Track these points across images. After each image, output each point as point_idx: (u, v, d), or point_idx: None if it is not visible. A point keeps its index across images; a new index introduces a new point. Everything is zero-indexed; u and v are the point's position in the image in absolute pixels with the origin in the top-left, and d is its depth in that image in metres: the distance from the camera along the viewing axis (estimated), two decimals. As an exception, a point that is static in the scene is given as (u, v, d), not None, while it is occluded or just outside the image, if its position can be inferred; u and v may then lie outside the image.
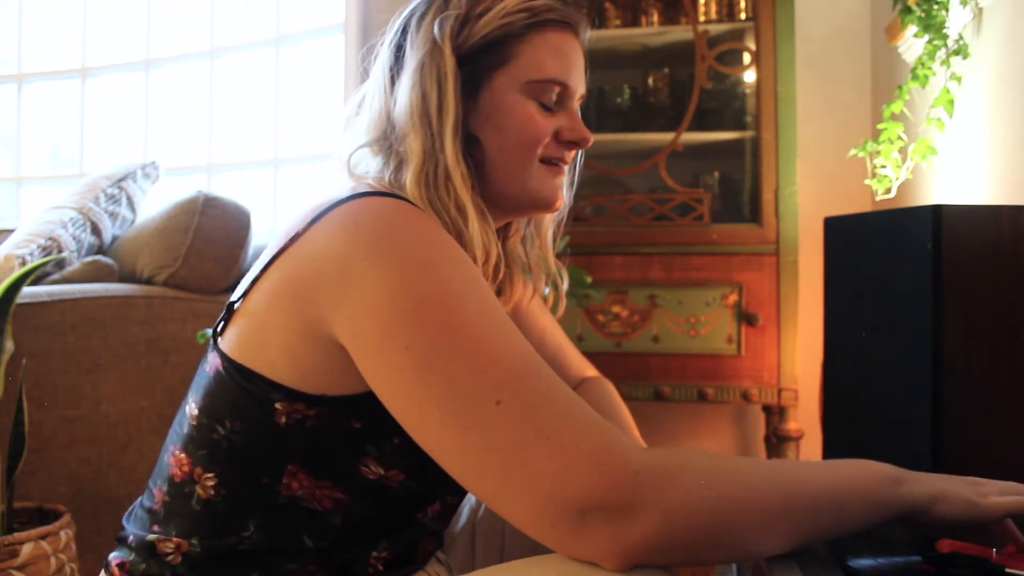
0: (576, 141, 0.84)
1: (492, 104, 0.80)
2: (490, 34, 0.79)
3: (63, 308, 1.64)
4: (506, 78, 0.80)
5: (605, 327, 2.18)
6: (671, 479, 0.60)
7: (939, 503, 0.66)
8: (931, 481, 0.67)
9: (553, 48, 0.81)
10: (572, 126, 0.83)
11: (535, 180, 0.82)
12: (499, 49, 0.79)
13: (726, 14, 2.26)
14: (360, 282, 0.66)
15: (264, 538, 0.73)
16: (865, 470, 0.66)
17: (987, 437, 1.03)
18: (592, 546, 0.59)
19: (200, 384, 0.76)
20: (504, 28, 0.79)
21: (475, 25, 0.79)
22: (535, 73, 0.80)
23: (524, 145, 0.81)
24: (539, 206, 0.84)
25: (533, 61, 0.80)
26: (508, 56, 0.80)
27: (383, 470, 0.73)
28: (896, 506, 0.65)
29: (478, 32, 0.79)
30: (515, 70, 0.80)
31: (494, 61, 0.79)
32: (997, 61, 1.47)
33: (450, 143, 0.76)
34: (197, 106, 3.10)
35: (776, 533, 0.62)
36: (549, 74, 0.80)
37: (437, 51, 0.78)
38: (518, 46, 0.80)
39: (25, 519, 1.44)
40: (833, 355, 1.38)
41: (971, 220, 1.04)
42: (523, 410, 0.62)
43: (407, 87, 0.78)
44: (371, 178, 0.80)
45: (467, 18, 0.79)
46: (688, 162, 2.33)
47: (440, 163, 0.76)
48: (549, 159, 0.83)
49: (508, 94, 0.80)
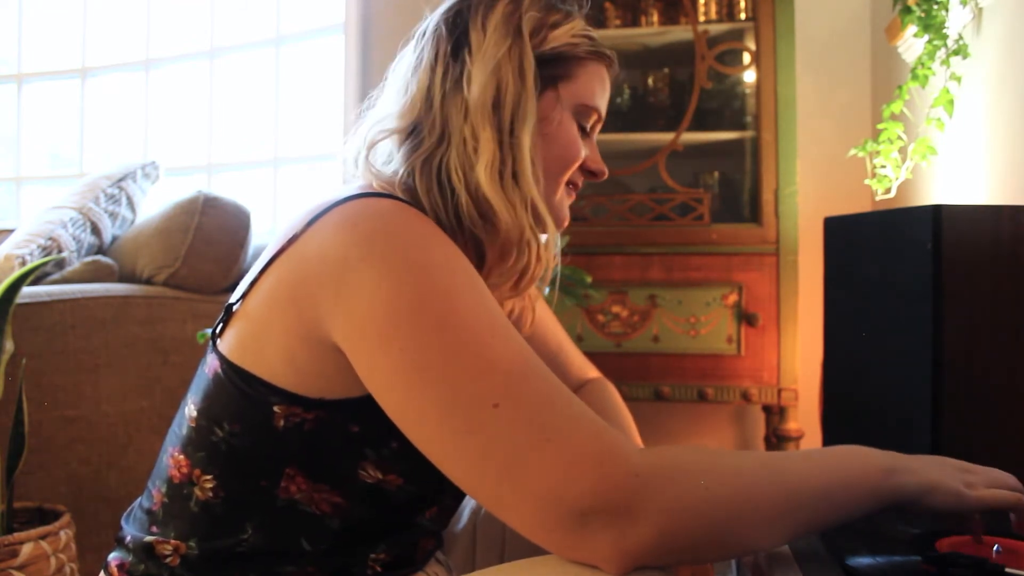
0: (595, 172, 0.88)
1: (551, 114, 0.81)
2: (560, 47, 0.82)
3: (63, 308, 1.64)
4: (565, 93, 0.82)
5: (605, 327, 2.18)
6: (670, 481, 0.60)
7: (929, 495, 0.66)
8: (922, 470, 0.67)
9: (600, 79, 0.86)
10: (595, 157, 0.87)
11: (558, 198, 0.85)
12: (564, 65, 0.82)
13: (726, 14, 2.26)
14: (357, 284, 0.66)
15: (262, 540, 0.73)
16: (858, 460, 0.67)
17: (987, 437, 1.03)
18: (592, 550, 0.59)
19: (199, 386, 0.76)
20: (572, 47, 0.82)
21: (550, 33, 0.81)
22: (587, 98, 0.84)
23: (565, 163, 0.83)
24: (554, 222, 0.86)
25: (588, 86, 0.84)
26: (571, 74, 0.83)
27: (381, 474, 0.73)
28: (888, 496, 0.66)
29: (551, 41, 0.81)
30: (573, 89, 0.83)
31: (559, 74, 0.82)
32: (997, 61, 1.47)
33: (526, 141, 0.77)
34: (197, 106, 3.10)
35: (773, 528, 0.63)
36: (596, 102, 0.85)
37: (520, 44, 0.78)
38: (578, 68, 0.83)
39: (25, 519, 1.44)
40: (833, 355, 1.38)
41: (971, 220, 1.04)
42: (522, 413, 0.62)
43: (482, 76, 0.76)
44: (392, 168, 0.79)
45: (542, 24, 0.81)
46: (688, 162, 2.33)
47: (510, 161, 0.76)
48: (572, 182, 0.86)
49: (563, 109, 0.82)
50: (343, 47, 2.75)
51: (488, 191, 0.75)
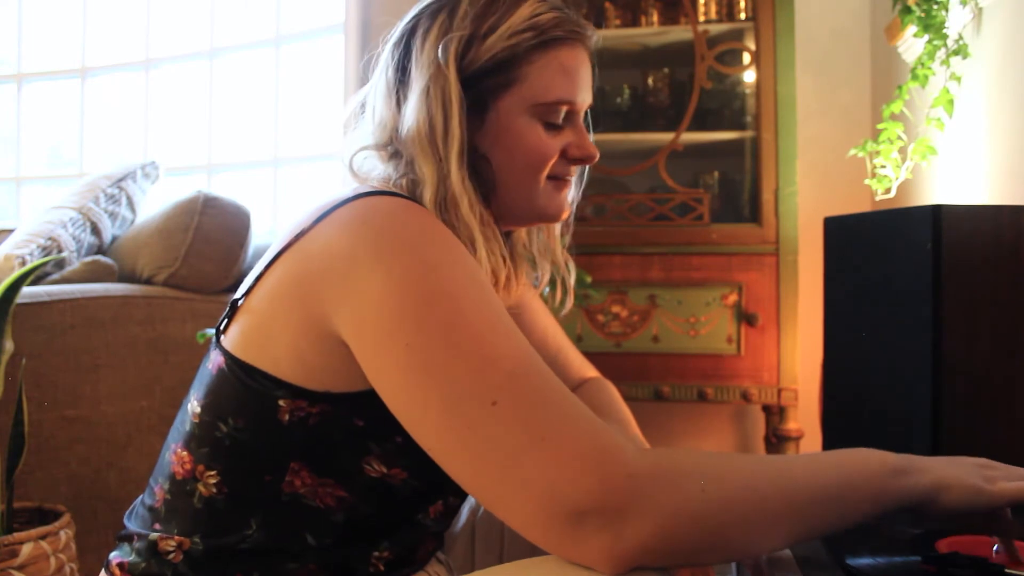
0: (583, 159, 0.84)
1: (499, 126, 0.79)
2: (496, 55, 0.78)
3: (63, 308, 1.64)
4: (513, 100, 0.79)
5: (605, 327, 2.18)
6: (667, 483, 0.59)
7: (944, 493, 0.64)
8: (936, 469, 0.65)
9: (560, 67, 0.80)
10: (579, 143, 0.83)
11: (542, 198, 0.83)
12: (506, 71, 0.78)
13: (726, 14, 2.26)
14: (364, 280, 0.66)
15: (266, 536, 0.73)
16: (866, 462, 0.65)
17: (987, 437, 1.03)
18: (588, 550, 0.59)
19: (203, 382, 0.76)
20: (510, 49, 0.78)
21: (481, 46, 0.78)
22: (542, 96, 0.79)
23: (532, 167, 0.81)
24: (545, 219, 0.86)
25: (539, 83, 0.79)
26: (515, 78, 0.78)
27: (386, 468, 0.73)
28: (899, 497, 0.64)
29: (484, 54, 0.78)
30: (522, 92, 0.79)
31: (501, 83, 0.78)
32: (997, 61, 1.47)
33: (455, 170, 0.76)
34: (197, 106, 3.10)
35: (775, 533, 0.62)
36: (557, 96, 0.80)
37: (441, 75, 0.76)
38: (525, 68, 0.79)
39: (25, 519, 1.44)
40: (833, 355, 1.38)
41: (971, 220, 1.04)
42: (520, 411, 0.62)
43: (413, 109, 0.77)
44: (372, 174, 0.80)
45: (472, 38, 0.78)
46: (688, 162, 2.33)
47: (448, 190, 0.76)
48: (555, 176, 0.84)
49: (516, 116, 0.79)
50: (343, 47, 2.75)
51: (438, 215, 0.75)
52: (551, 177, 0.83)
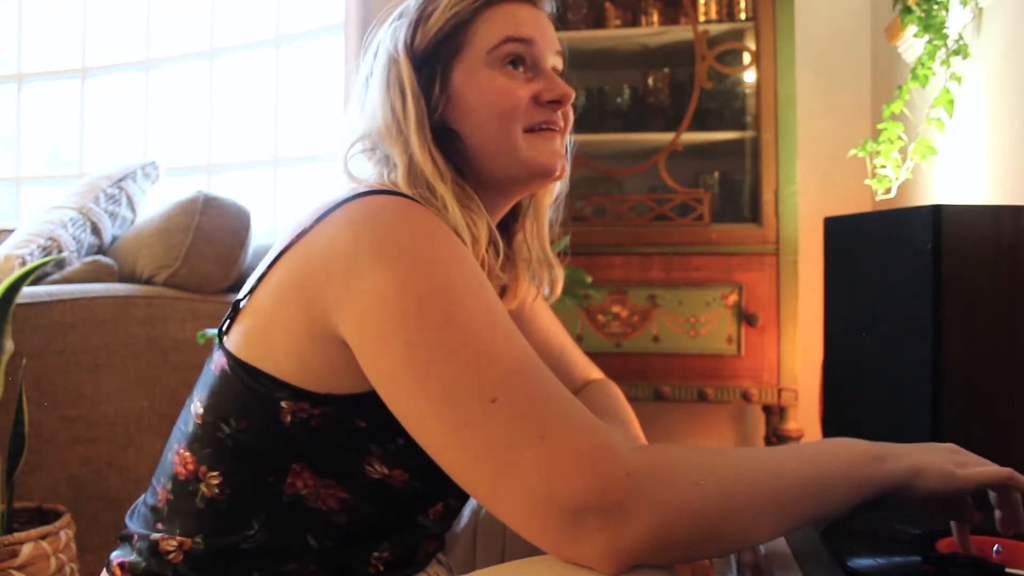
0: (557, 99, 0.82)
1: (460, 92, 0.81)
2: (441, 29, 0.81)
3: (63, 308, 1.64)
4: (466, 61, 0.81)
5: (605, 327, 2.18)
6: (664, 479, 0.60)
7: (918, 477, 0.66)
8: (911, 455, 0.67)
9: (505, 15, 0.81)
10: (549, 86, 0.82)
11: (524, 149, 0.81)
12: (453, 39, 0.81)
13: (726, 14, 2.26)
14: (365, 278, 0.66)
15: (268, 537, 0.73)
16: (848, 451, 0.67)
17: (987, 436, 1.03)
18: (586, 549, 0.59)
19: (205, 383, 0.76)
20: (453, 18, 0.81)
21: (426, 25, 0.81)
22: (490, 41, 0.81)
23: (500, 116, 0.80)
24: (538, 174, 0.83)
25: (486, 34, 0.81)
26: (463, 42, 0.81)
27: (387, 469, 0.73)
28: (879, 484, 0.66)
29: (430, 30, 0.81)
30: (472, 49, 0.81)
31: (451, 50, 0.81)
32: (997, 61, 1.47)
33: (416, 142, 0.78)
34: (197, 106, 3.10)
35: (767, 523, 0.63)
36: (503, 34, 0.81)
37: (393, 62, 0.81)
38: (469, 28, 0.81)
39: (25, 519, 1.44)
40: (833, 355, 1.38)
41: (971, 220, 1.05)
42: (518, 409, 0.62)
43: (377, 101, 0.81)
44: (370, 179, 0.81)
45: (418, 20, 0.82)
46: (688, 162, 2.33)
47: (416, 164, 0.78)
48: (534, 126, 0.82)
49: (473, 74, 0.81)
50: (343, 47, 2.75)
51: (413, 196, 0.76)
52: (530, 129, 0.82)
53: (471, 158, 0.82)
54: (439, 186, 0.77)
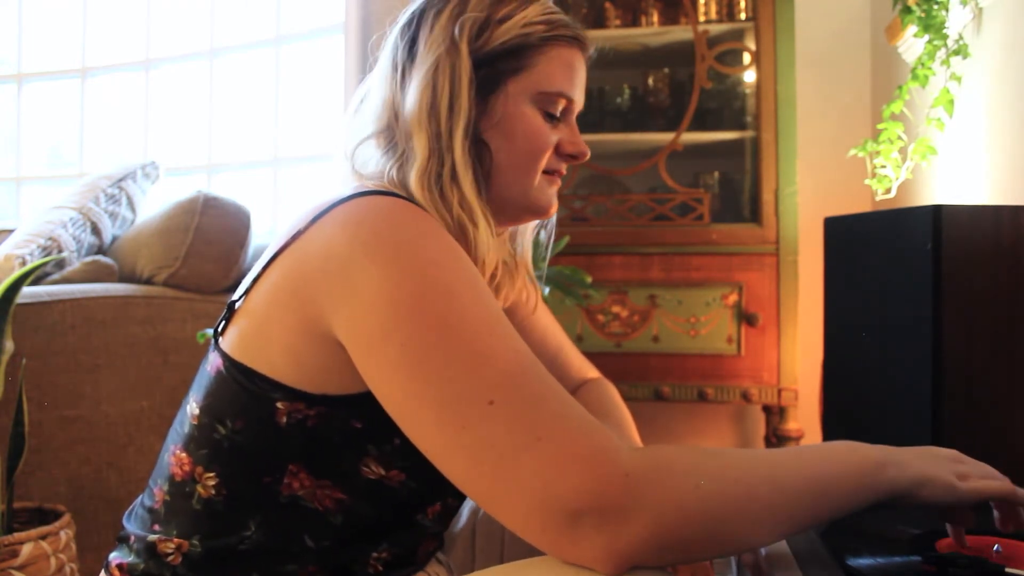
0: (575, 155, 0.86)
1: (504, 110, 0.81)
2: (509, 41, 0.80)
3: (63, 308, 1.64)
4: (519, 86, 0.81)
5: (605, 327, 2.18)
6: (662, 480, 0.59)
7: (921, 488, 0.66)
8: (914, 463, 0.67)
9: (565, 63, 0.83)
10: (572, 139, 0.85)
11: (537, 190, 0.84)
12: (516, 57, 0.81)
13: (726, 14, 2.26)
14: (360, 280, 0.66)
15: (265, 538, 0.73)
16: (850, 456, 0.66)
17: (987, 436, 1.03)
18: (584, 550, 0.59)
19: (201, 384, 0.76)
20: (523, 38, 0.81)
21: (496, 30, 0.80)
22: (547, 85, 0.82)
23: (531, 154, 0.82)
24: (536, 213, 0.87)
25: (546, 73, 0.82)
26: (524, 65, 0.81)
27: (384, 470, 0.73)
28: (881, 491, 0.65)
29: (498, 38, 0.80)
30: (529, 80, 0.81)
31: (510, 68, 0.81)
32: (997, 61, 1.47)
33: (460, 143, 0.77)
34: (197, 106, 3.10)
35: (766, 526, 0.62)
36: (559, 87, 0.82)
37: (454, 51, 0.79)
38: (534, 57, 0.81)
39: (25, 519, 1.44)
40: (833, 355, 1.38)
41: (971, 220, 1.04)
42: (516, 410, 0.62)
43: (419, 83, 0.79)
44: (374, 172, 0.80)
45: (487, 22, 0.80)
46: (688, 162, 2.33)
47: (447, 163, 0.77)
48: (549, 170, 0.85)
49: (520, 103, 0.81)
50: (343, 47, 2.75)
51: (417, 194, 0.76)
52: (545, 171, 0.84)
53: (490, 176, 0.82)
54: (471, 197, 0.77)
